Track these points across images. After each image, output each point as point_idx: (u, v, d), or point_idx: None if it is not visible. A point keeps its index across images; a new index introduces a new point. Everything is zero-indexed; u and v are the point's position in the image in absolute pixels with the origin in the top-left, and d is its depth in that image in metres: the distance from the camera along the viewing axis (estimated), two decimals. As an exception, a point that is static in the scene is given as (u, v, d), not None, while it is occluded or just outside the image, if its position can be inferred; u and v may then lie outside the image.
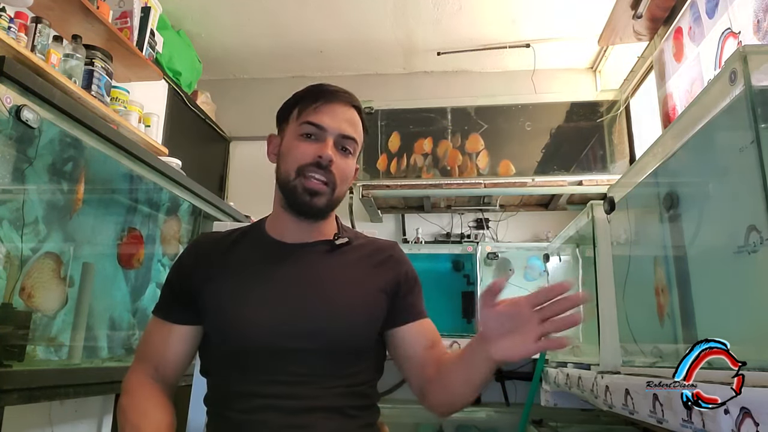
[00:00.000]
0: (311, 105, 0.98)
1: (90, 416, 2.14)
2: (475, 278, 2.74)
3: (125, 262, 1.96)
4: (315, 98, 0.99)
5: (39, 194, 1.53)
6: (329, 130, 0.96)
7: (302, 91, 1.02)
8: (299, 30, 3.14)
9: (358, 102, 1.03)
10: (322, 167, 0.94)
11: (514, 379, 2.80)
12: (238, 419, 0.89)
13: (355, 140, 1.00)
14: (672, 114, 2.16)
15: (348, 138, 0.98)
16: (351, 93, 1.03)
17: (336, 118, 0.97)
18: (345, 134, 0.98)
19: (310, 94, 1.00)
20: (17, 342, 1.33)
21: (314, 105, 0.98)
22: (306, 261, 0.99)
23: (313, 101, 0.99)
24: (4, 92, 1.22)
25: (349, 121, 0.99)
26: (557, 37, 3.14)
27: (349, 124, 0.99)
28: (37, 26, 1.91)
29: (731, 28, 1.68)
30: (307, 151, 0.95)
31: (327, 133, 0.96)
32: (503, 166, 2.94)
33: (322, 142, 0.96)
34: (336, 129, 0.97)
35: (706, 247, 1.00)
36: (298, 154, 0.96)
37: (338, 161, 0.96)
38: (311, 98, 0.99)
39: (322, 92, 1.00)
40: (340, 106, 0.99)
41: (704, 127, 0.92)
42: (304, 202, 0.95)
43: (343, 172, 0.98)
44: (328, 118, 0.97)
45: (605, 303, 1.40)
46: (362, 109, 1.04)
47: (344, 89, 1.02)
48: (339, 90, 1.01)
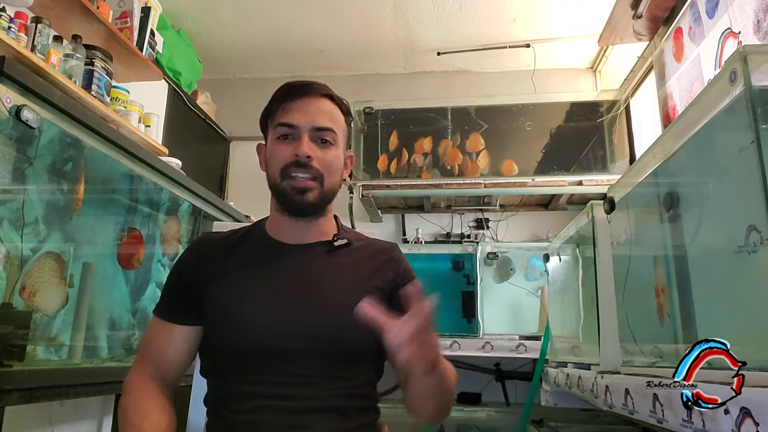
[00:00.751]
0: (280, 106, 0.98)
1: (90, 416, 2.14)
2: (475, 278, 2.73)
3: (125, 262, 1.96)
4: (282, 98, 0.99)
5: (39, 194, 1.53)
6: (301, 126, 0.96)
7: (273, 96, 1.02)
8: (299, 30, 3.14)
9: (328, 90, 1.02)
10: (302, 165, 0.94)
11: (514, 379, 2.81)
12: (237, 420, 0.89)
13: (332, 129, 0.98)
14: (672, 114, 2.16)
15: (323, 129, 0.97)
16: (320, 83, 1.02)
17: (306, 112, 0.97)
18: (318, 126, 0.97)
19: (278, 96, 1.00)
20: (17, 342, 1.33)
21: (282, 105, 0.98)
22: (306, 262, 0.99)
23: (281, 102, 0.99)
24: (4, 92, 1.22)
25: (321, 111, 0.98)
26: (557, 37, 3.14)
27: (322, 115, 0.98)
28: (37, 26, 1.91)
29: (731, 28, 1.67)
30: (286, 153, 0.96)
31: (300, 130, 0.96)
32: (506, 166, 2.94)
33: (298, 140, 0.96)
34: (308, 123, 0.96)
35: (706, 247, 1.00)
36: (279, 157, 0.96)
37: (318, 154, 0.96)
38: (279, 99, 0.99)
39: (288, 91, 0.99)
40: (309, 99, 0.98)
41: (704, 127, 0.92)
42: (296, 201, 0.96)
43: (327, 163, 0.97)
44: (298, 114, 0.97)
45: (605, 303, 1.40)
46: (335, 96, 1.02)
47: (313, 81, 1.01)
48: (305, 83, 1.00)
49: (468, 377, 2.80)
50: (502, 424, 2.56)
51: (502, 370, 2.81)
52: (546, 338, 2.10)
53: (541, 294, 2.67)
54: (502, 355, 2.42)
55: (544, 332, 2.13)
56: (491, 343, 2.41)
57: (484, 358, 2.52)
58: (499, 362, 2.80)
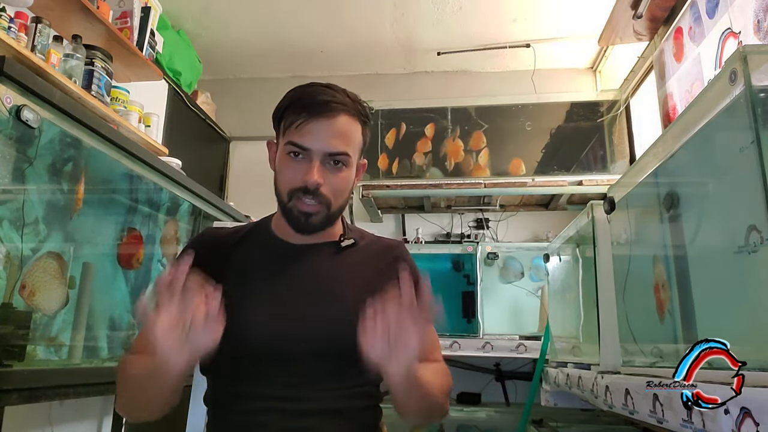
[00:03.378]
0: (294, 122, 0.93)
1: (90, 416, 2.14)
2: (475, 278, 2.73)
3: (125, 263, 1.96)
4: (298, 114, 0.93)
5: (39, 194, 1.53)
6: (314, 150, 0.92)
7: (288, 97, 0.97)
8: (300, 30, 3.14)
9: (347, 102, 0.95)
10: (310, 192, 0.92)
11: (515, 379, 2.81)
12: (238, 421, 0.89)
13: (345, 153, 0.94)
14: (672, 114, 2.16)
15: (336, 154, 0.94)
16: (339, 91, 0.96)
17: (320, 137, 0.92)
18: (332, 152, 0.93)
19: (294, 107, 0.95)
20: (17, 342, 1.33)
21: (297, 123, 0.93)
22: (311, 263, 0.98)
23: (296, 117, 0.93)
24: (4, 92, 1.21)
25: (337, 134, 0.93)
26: (557, 37, 3.14)
27: (337, 138, 0.93)
28: (37, 26, 1.91)
29: (731, 28, 1.67)
30: (295, 175, 0.93)
31: (312, 153, 0.93)
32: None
33: (309, 163, 0.93)
34: (321, 149, 0.92)
35: (706, 247, 1.00)
36: (288, 177, 0.94)
37: (328, 180, 0.94)
38: (294, 113, 0.94)
39: (305, 107, 0.93)
40: (325, 121, 0.93)
41: (704, 127, 0.92)
42: (300, 223, 0.95)
43: (336, 188, 0.95)
44: (312, 137, 0.92)
45: (605, 303, 1.40)
46: (353, 109, 0.96)
47: (332, 92, 0.95)
48: (324, 100, 0.93)
49: (468, 377, 2.80)
50: (502, 424, 2.56)
51: (502, 370, 2.81)
52: (546, 338, 2.10)
53: (541, 294, 2.67)
54: (502, 355, 2.42)
55: (544, 332, 2.13)
56: (491, 343, 2.41)
57: (484, 358, 2.52)
58: (499, 362, 2.80)
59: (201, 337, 0.76)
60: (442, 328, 2.50)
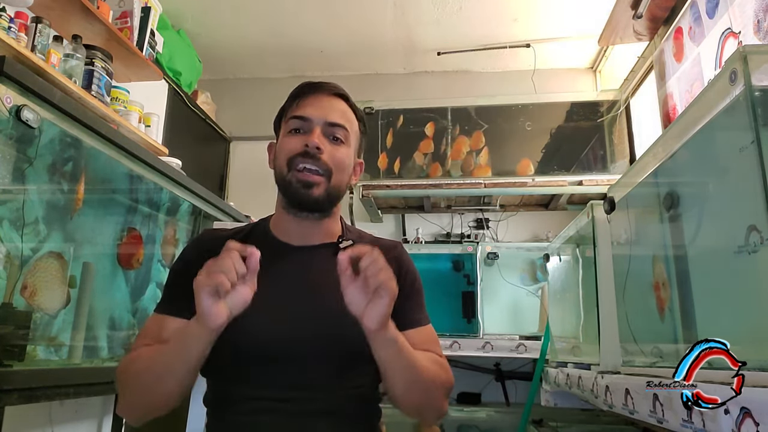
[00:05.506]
0: (294, 102, 0.99)
1: (90, 416, 2.14)
2: (475, 278, 2.74)
3: (125, 263, 1.96)
4: (298, 95, 1.00)
5: (39, 194, 1.53)
6: (314, 119, 0.96)
7: (289, 94, 1.03)
8: (299, 30, 3.14)
9: (343, 91, 1.02)
10: (311, 155, 0.93)
11: (515, 379, 2.81)
12: (238, 422, 0.89)
13: (344, 127, 0.98)
14: (672, 114, 2.16)
15: (336, 125, 0.97)
16: (335, 84, 1.03)
17: (320, 106, 0.97)
18: (331, 121, 0.97)
19: (293, 93, 1.01)
20: (17, 342, 1.33)
21: (296, 101, 0.99)
22: (310, 264, 0.98)
23: (295, 98, 1.00)
24: (4, 92, 1.21)
25: (336, 108, 0.99)
26: (557, 37, 3.14)
27: (336, 112, 0.98)
28: (37, 26, 1.91)
29: (731, 28, 1.67)
30: (296, 144, 0.95)
31: (313, 123, 0.96)
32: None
33: (310, 133, 0.96)
34: (321, 117, 0.96)
35: (706, 247, 1.00)
36: (287, 148, 0.96)
37: (328, 149, 0.96)
38: (295, 96, 1.00)
39: (304, 87, 1.00)
40: (324, 96, 0.99)
41: (704, 127, 0.92)
42: (300, 195, 0.94)
43: (337, 159, 0.96)
44: (312, 108, 0.97)
45: (605, 303, 1.40)
46: (349, 98, 1.03)
47: (329, 81, 1.02)
48: (322, 82, 1.01)
49: (468, 377, 2.80)
50: (502, 424, 2.56)
51: (502, 370, 2.81)
52: (546, 338, 2.10)
53: (541, 294, 2.67)
54: (502, 355, 2.42)
55: (544, 332, 2.13)
56: (491, 343, 2.42)
57: (484, 358, 2.52)
58: (499, 362, 2.80)
59: (235, 297, 0.79)
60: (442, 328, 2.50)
